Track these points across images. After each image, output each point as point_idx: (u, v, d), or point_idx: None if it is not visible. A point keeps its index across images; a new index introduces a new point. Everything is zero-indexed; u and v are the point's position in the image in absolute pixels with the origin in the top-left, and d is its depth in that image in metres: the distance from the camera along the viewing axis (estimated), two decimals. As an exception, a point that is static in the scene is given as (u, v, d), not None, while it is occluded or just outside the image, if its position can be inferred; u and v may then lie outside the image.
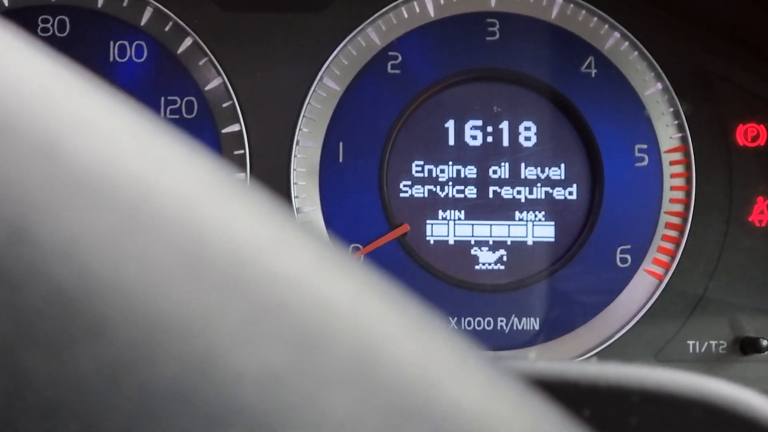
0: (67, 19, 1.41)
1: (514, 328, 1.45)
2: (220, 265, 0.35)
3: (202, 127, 1.44)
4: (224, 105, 1.42)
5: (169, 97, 1.44)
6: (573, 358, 1.43)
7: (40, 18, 1.41)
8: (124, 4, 1.41)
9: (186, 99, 1.44)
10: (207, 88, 1.42)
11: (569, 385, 0.47)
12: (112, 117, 0.38)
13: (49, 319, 0.32)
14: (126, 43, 1.43)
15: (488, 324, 1.45)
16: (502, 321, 1.45)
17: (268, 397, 0.33)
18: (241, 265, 0.35)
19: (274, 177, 1.42)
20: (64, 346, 0.32)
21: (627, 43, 1.43)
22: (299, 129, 1.42)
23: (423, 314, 0.40)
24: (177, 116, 1.43)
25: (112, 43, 1.43)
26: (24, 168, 0.34)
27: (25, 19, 1.41)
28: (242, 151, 1.42)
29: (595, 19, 1.43)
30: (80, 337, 0.32)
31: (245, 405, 0.32)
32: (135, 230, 0.35)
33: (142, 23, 1.41)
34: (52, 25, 1.41)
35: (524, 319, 1.45)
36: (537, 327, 1.45)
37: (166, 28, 1.41)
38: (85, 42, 1.43)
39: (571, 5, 1.42)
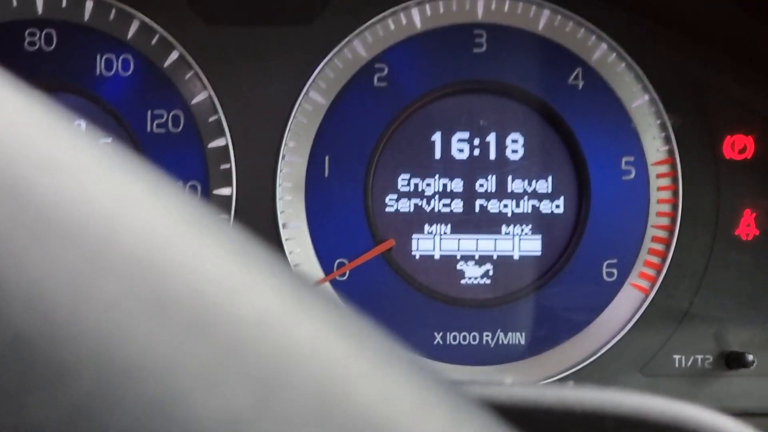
0: (53, 33, 1.42)
1: (500, 343, 1.45)
2: (183, 308, 0.35)
3: (189, 141, 1.44)
4: (210, 119, 1.42)
5: (156, 111, 1.44)
6: (558, 373, 1.44)
7: (27, 32, 1.42)
8: (111, 17, 1.41)
9: (172, 113, 1.44)
10: (193, 102, 1.43)
11: (543, 410, 0.48)
12: (76, 157, 0.38)
13: (10, 364, 0.32)
14: (112, 56, 1.43)
15: (474, 339, 1.45)
16: (487, 336, 1.44)
17: None
18: (203, 307, 0.35)
19: (260, 192, 1.43)
20: (24, 393, 0.32)
21: (614, 54, 1.43)
22: (285, 143, 1.42)
23: (387, 349, 0.40)
24: (163, 130, 1.43)
25: (98, 57, 1.43)
26: None
27: (11, 33, 1.42)
28: (228, 166, 1.42)
29: (583, 30, 1.43)
30: (41, 383, 0.32)
31: None
32: (98, 274, 0.34)
33: (129, 37, 1.42)
34: (39, 39, 1.41)
35: (510, 334, 1.45)
36: (523, 342, 1.45)
37: (153, 42, 1.41)
38: (71, 56, 1.43)
39: (559, 16, 1.42)
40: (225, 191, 1.43)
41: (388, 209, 1.44)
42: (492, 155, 1.44)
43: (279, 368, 0.35)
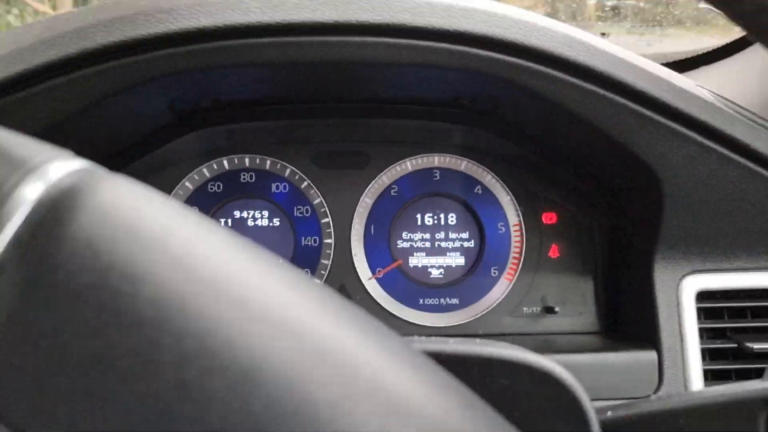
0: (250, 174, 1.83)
1: (447, 304, 1.90)
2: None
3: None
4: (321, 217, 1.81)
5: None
6: (475, 315, 1.88)
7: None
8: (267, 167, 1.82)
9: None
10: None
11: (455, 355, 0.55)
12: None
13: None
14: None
15: (439, 302, 1.89)
16: (444, 300, 1.89)
17: None
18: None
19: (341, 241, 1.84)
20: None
21: (495, 180, 1.91)
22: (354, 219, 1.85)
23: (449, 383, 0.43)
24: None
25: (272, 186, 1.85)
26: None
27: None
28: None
29: (479, 169, 1.91)
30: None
31: None
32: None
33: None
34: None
35: (449, 299, 1.90)
36: (457, 302, 1.90)
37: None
38: (261, 185, 1.86)
39: (473, 164, 1.90)
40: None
41: (400, 245, 1.89)
42: (442, 222, 1.90)
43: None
